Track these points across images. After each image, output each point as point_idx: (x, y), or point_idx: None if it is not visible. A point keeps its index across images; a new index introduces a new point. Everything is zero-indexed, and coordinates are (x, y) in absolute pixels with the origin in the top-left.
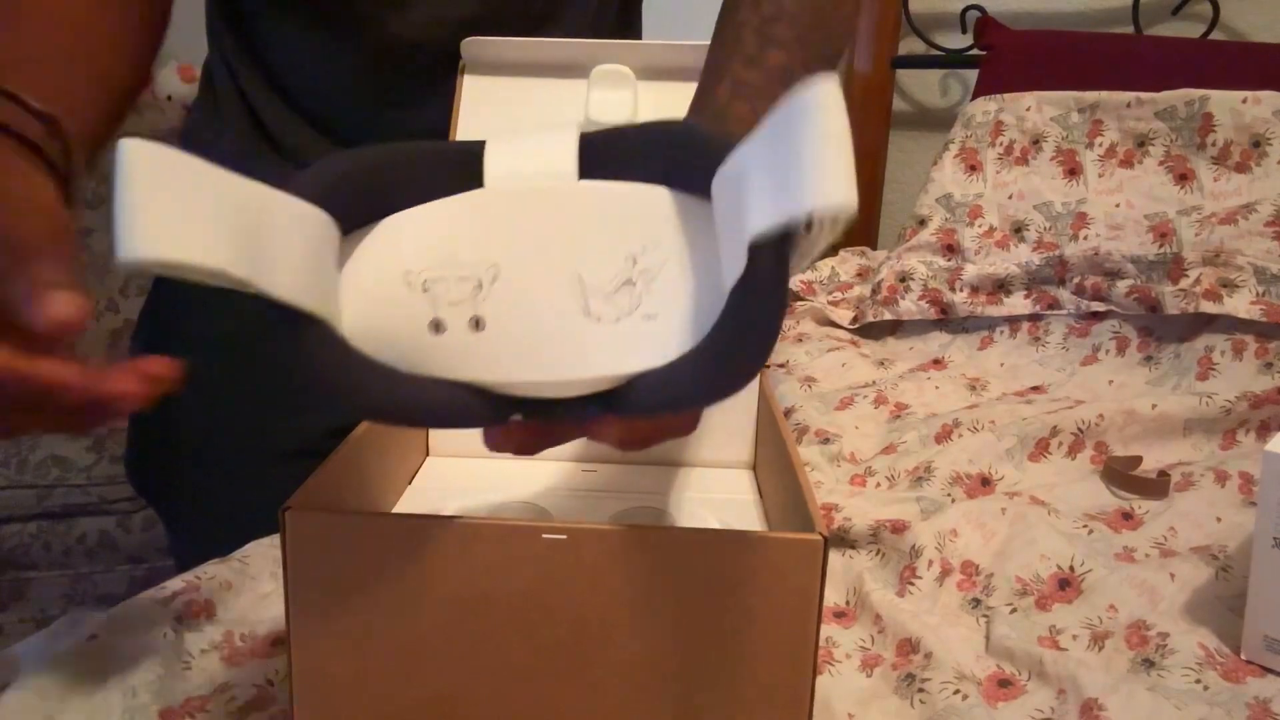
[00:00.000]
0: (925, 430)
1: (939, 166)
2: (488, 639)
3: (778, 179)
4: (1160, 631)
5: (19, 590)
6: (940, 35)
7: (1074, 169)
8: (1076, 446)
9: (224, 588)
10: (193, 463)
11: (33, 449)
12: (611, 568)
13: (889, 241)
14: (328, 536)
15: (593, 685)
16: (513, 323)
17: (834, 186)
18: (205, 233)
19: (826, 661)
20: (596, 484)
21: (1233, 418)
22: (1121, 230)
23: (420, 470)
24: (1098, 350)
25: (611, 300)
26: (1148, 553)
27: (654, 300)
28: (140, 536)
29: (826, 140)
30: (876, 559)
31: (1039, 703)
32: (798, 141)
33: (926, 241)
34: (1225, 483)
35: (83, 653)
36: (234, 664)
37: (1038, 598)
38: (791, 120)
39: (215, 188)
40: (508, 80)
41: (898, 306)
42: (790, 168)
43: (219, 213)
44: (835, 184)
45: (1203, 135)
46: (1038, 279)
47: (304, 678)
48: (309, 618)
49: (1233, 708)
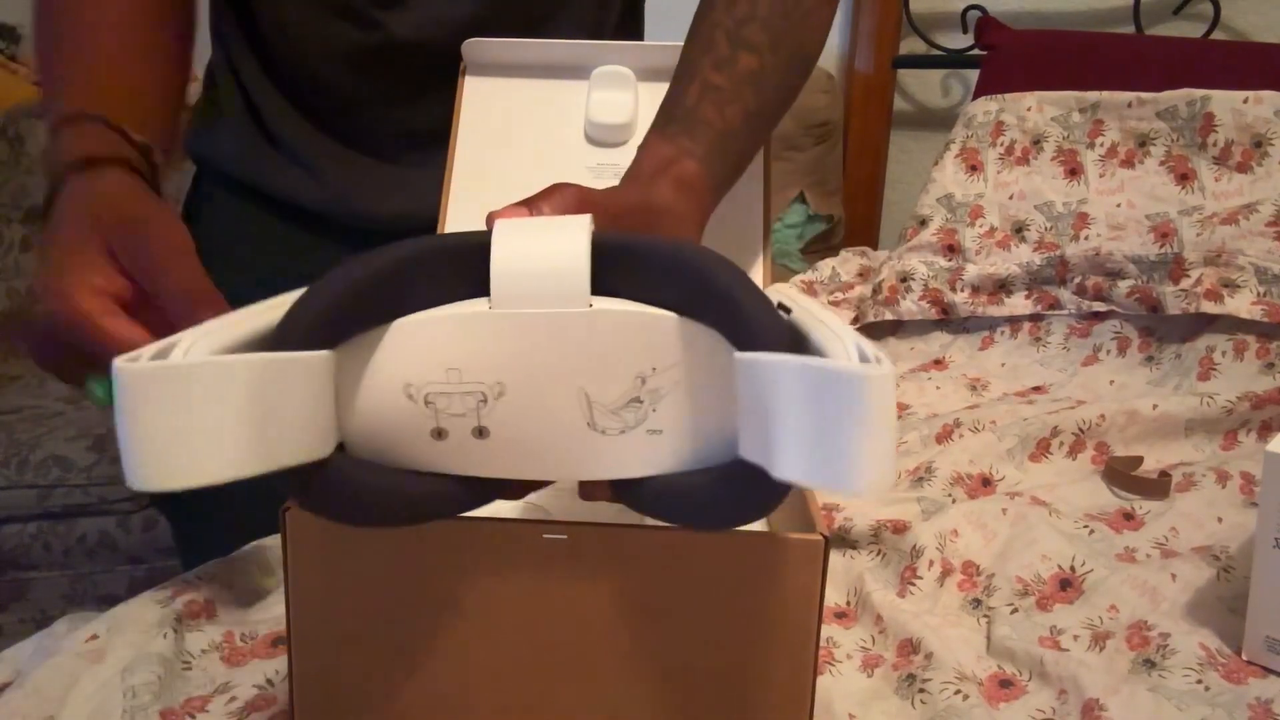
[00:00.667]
0: (926, 430)
1: (940, 166)
2: (488, 639)
3: (816, 443)
4: (1161, 632)
5: (19, 590)
6: (941, 35)
7: (1075, 169)
8: (1077, 447)
9: (225, 588)
10: None
11: (33, 449)
12: (612, 568)
13: (890, 242)
14: (329, 537)
15: (593, 685)
16: (516, 432)
17: (876, 478)
18: (212, 448)
19: (827, 662)
20: None
21: (1234, 418)
22: (1122, 230)
23: None
24: (1099, 350)
25: (618, 415)
26: (1149, 553)
27: (660, 418)
28: (140, 537)
29: (878, 430)
30: (877, 559)
31: (1040, 703)
32: (845, 419)
33: (927, 242)
34: (1226, 483)
35: (83, 653)
36: (234, 664)
37: (1039, 598)
38: (844, 393)
39: (217, 388)
40: (508, 81)
41: (899, 307)
42: (832, 442)
43: (223, 418)
44: (877, 476)
45: (1204, 135)
46: (1039, 279)
47: (304, 678)
48: (309, 618)
49: (1234, 708)
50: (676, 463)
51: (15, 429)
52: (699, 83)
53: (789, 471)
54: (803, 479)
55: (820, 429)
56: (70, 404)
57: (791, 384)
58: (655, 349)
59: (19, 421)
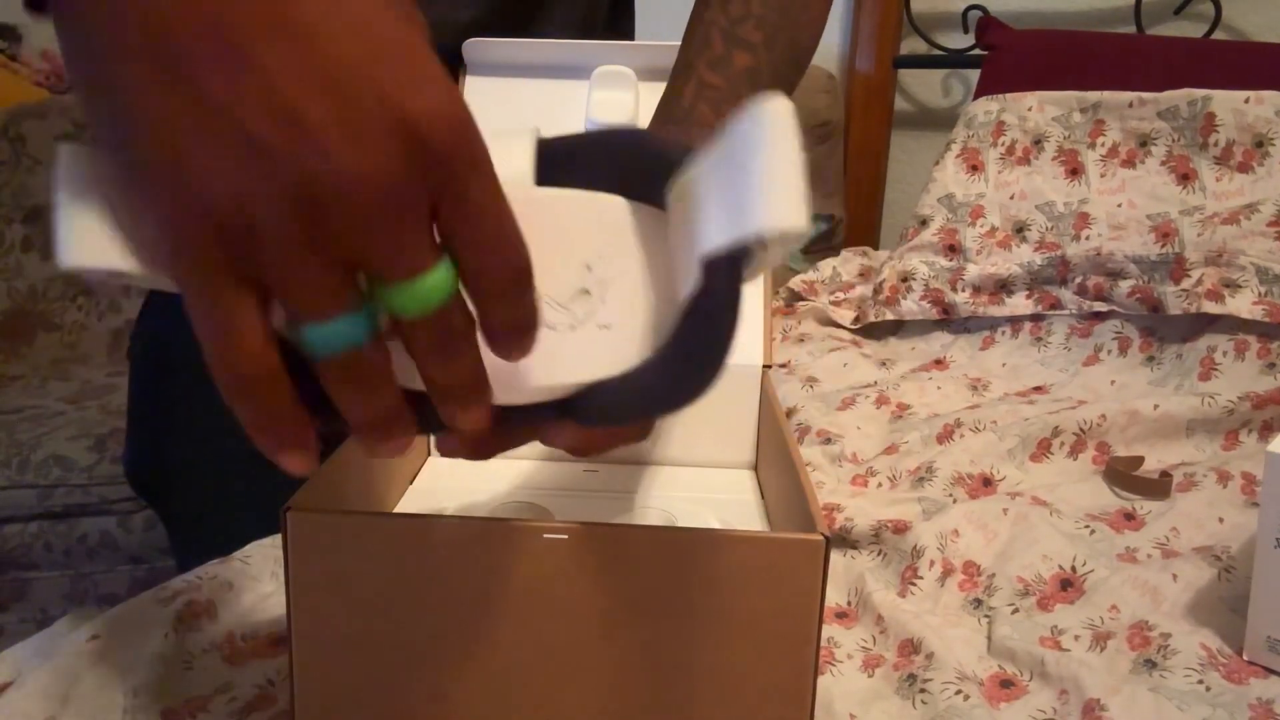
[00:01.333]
0: (927, 430)
1: (941, 166)
2: (489, 639)
3: (730, 198)
4: (1162, 632)
5: (20, 590)
6: (942, 35)
7: (1076, 169)
8: (1078, 447)
9: (225, 588)
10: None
11: (34, 449)
12: (612, 568)
13: (891, 241)
14: (329, 536)
15: (593, 685)
16: None
17: (785, 208)
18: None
19: (828, 662)
20: (597, 484)
21: (1235, 418)
22: (1123, 230)
23: (422, 470)
24: (1100, 350)
25: (566, 309)
26: (1150, 553)
27: (609, 310)
28: (141, 537)
29: (778, 161)
30: (878, 559)
31: (1041, 703)
32: (749, 161)
33: (928, 241)
34: (1227, 483)
35: (84, 653)
36: (235, 664)
37: (1039, 598)
38: (743, 139)
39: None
40: (509, 81)
41: (900, 306)
42: (742, 187)
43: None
44: (787, 205)
45: (1205, 135)
46: (1039, 279)
47: (305, 678)
48: (310, 618)
49: (1235, 709)
50: (627, 361)
51: (16, 429)
52: (695, 82)
53: (713, 239)
54: (725, 237)
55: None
56: (71, 404)
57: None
58: (600, 232)
59: (20, 421)
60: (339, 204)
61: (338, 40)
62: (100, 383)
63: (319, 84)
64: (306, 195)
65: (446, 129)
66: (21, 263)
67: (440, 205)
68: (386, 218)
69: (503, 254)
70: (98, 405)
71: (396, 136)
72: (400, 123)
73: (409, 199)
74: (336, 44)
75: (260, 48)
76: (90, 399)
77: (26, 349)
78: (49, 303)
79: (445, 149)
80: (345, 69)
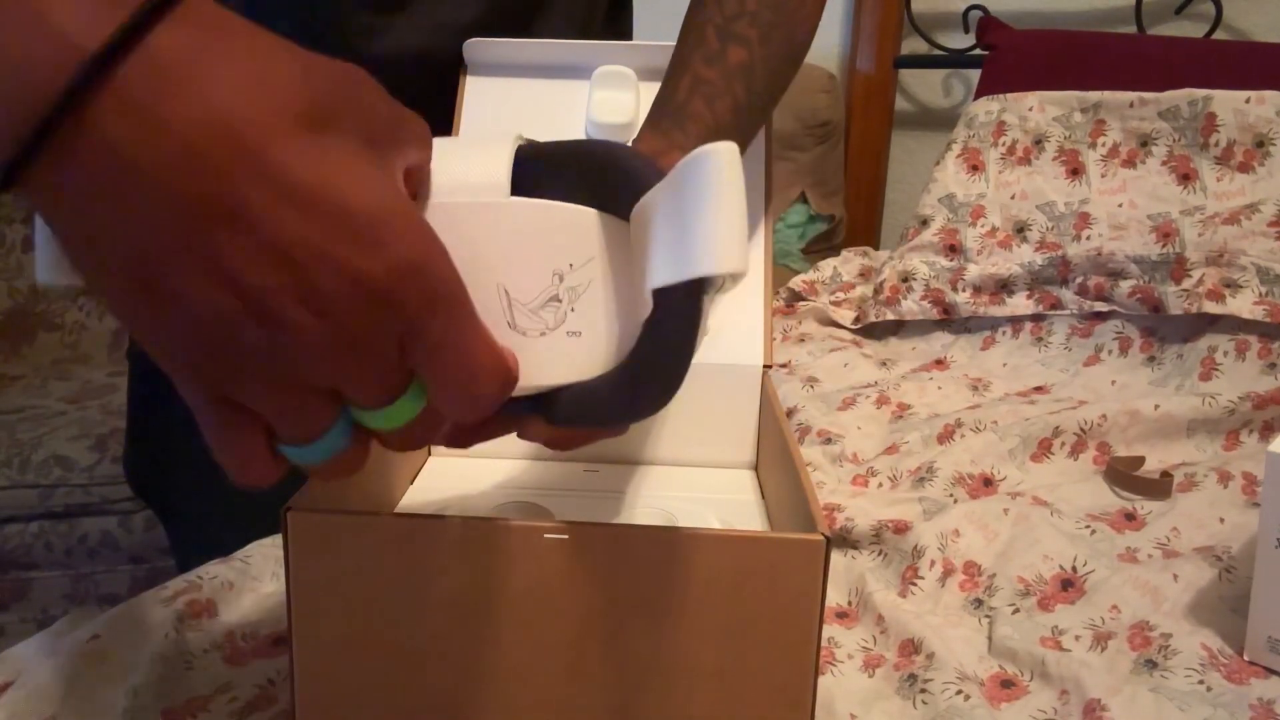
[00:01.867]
0: (927, 430)
1: (941, 166)
2: (489, 639)
3: (675, 236)
4: (1163, 632)
5: (21, 590)
6: (943, 35)
7: (1076, 169)
8: (1079, 447)
9: (226, 588)
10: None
11: (35, 449)
12: (613, 568)
13: (891, 241)
14: (330, 537)
15: (594, 685)
16: None
17: (724, 253)
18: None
19: (829, 662)
20: (598, 484)
21: (1236, 418)
22: (1124, 230)
23: (422, 470)
24: (1100, 350)
25: (537, 315)
26: (1150, 553)
27: (578, 318)
28: (142, 536)
29: (720, 207)
30: (879, 559)
31: (1041, 703)
32: (693, 204)
33: (929, 241)
34: (1228, 483)
35: (84, 653)
36: (236, 664)
37: (1040, 598)
38: (690, 180)
39: None
40: (509, 81)
41: (900, 307)
42: (686, 229)
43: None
44: (725, 250)
45: (1206, 135)
46: (1040, 279)
47: (306, 678)
48: (311, 618)
49: (1236, 709)
50: (594, 368)
51: (17, 429)
52: (689, 77)
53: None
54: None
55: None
56: (72, 404)
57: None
58: (571, 243)
59: (21, 421)
60: (305, 359)
61: (286, 222)
62: (101, 383)
63: (274, 264)
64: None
65: (404, 284)
66: (22, 263)
67: (406, 343)
68: (351, 366)
69: (466, 387)
70: (98, 405)
71: (355, 298)
72: (357, 286)
73: (373, 347)
74: (286, 225)
75: (217, 236)
76: (91, 399)
77: (27, 349)
78: (50, 303)
79: (405, 300)
80: (298, 247)
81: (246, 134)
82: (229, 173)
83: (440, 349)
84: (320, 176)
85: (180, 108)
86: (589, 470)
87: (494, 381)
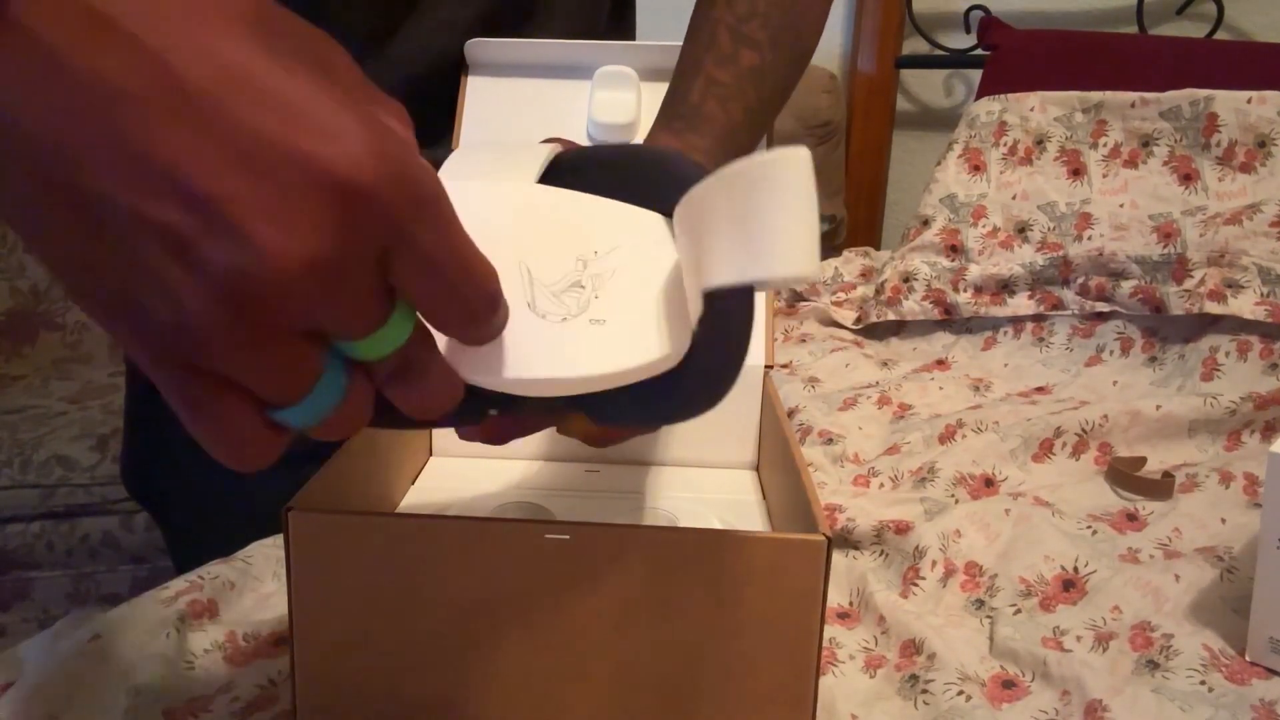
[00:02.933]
0: (929, 431)
1: (943, 167)
2: (490, 639)
3: (742, 238)
4: (1165, 633)
5: (22, 590)
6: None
7: (1078, 169)
8: (1080, 447)
9: (227, 588)
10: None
11: (36, 449)
12: (614, 568)
13: (892, 242)
14: (331, 537)
15: (594, 685)
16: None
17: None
18: None
19: (830, 662)
20: (599, 484)
21: (1237, 418)
22: (1126, 231)
23: (424, 470)
24: (1102, 351)
25: (559, 299)
26: (1152, 554)
27: (602, 306)
28: (143, 536)
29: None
30: (880, 560)
31: (1043, 704)
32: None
33: (930, 242)
34: (1230, 484)
35: (85, 653)
36: (237, 664)
37: (1041, 599)
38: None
39: None
40: (511, 81)
41: (901, 307)
42: (756, 232)
43: None
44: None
45: (1207, 135)
46: (1041, 279)
47: (306, 678)
48: (312, 618)
49: (1237, 710)
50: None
51: (18, 429)
52: (703, 79)
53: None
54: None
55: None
56: (73, 404)
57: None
58: (595, 230)
59: (22, 421)
60: (276, 292)
61: (241, 112)
62: (102, 383)
63: (229, 164)
64: (240, 291)
65: (379, 175)
66: (24, 262)
67: (388, 255)
68: (329, 292)
69: (460, 297)
70: (100, 405)
71: (325, 201)
72: (327, 184)
73: (350, 266)
74: (241, 116)
75: (159, 138)
76: (92, 399)
77: (29, 349)
78: (51, 302)
79: (381, 198)
80: (256, 141)
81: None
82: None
83: (430, 259)
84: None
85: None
86: (590, 471)
87: (488, 286)
